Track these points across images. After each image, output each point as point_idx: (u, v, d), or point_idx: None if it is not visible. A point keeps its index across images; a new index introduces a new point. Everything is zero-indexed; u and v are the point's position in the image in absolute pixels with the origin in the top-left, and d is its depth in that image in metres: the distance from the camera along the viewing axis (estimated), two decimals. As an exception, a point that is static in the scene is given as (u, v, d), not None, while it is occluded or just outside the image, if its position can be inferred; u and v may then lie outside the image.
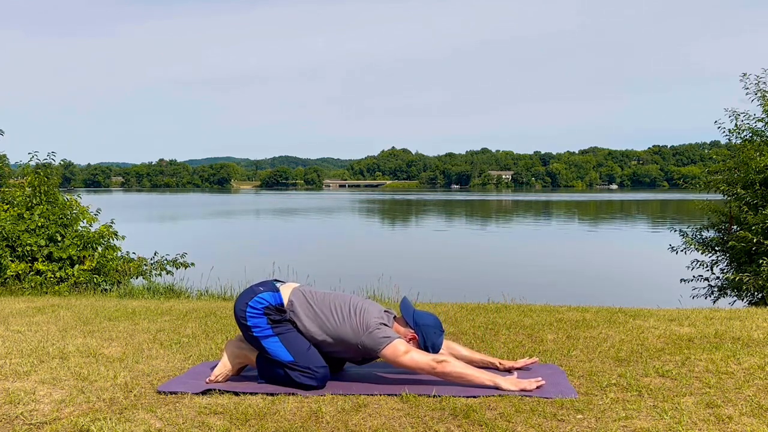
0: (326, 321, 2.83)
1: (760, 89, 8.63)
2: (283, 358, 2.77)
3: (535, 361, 3.03)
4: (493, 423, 2.28)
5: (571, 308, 4.89)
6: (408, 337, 2.86)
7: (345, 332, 2.80)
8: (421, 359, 2.71)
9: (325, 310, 2.85)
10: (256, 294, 2.88)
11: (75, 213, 9.05)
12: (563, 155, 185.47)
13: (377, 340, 2.75)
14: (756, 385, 2.68)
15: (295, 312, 2.85)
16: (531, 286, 11.45)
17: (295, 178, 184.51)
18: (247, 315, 2.84)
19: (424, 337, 2.85)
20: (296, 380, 2.74)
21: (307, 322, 2.84)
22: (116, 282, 8.58)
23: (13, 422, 2.40)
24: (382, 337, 2.75)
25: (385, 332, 2.77)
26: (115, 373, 3.03)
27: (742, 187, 8.29)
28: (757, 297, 7.84)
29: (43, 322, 4.54)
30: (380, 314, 2.86)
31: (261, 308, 2.83)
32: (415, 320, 2.88)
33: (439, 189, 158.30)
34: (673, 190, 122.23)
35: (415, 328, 2.87)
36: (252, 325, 2.83)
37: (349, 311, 2.84)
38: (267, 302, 2.85)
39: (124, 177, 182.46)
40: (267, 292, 2.88)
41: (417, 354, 2.73)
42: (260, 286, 2.94)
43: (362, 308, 2.85)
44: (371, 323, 2.79)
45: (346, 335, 2.80)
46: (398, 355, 2.72)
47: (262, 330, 2.82)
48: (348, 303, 2.88)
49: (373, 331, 2.77)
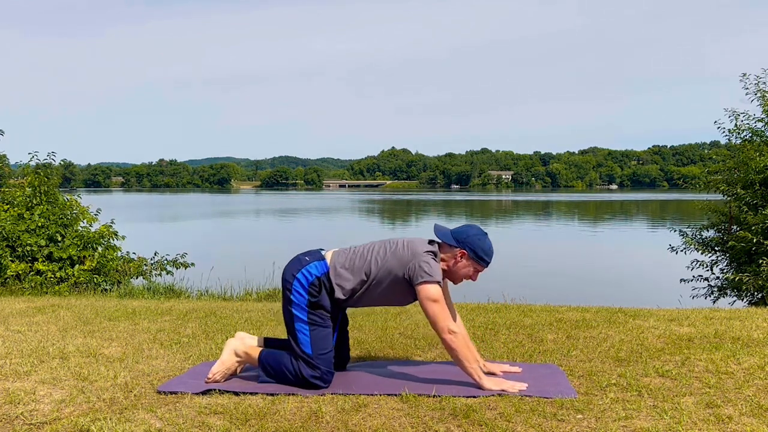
0: (372, 261, 2.82)
1: (760, 89, 8.63)
2: (304, 349, 2.78)
3: (518, 371, 2.96)
4: (493, 423, 2.28)
5: (571, 308, 4.89)
6: (458, 256, 2.83)
7: (392, 265, 2.78)
8: (441, 316, 2.70)
9: (370, 252, 2.85)
10: (303, 265, 2.86)
11: (75, 213, 9.06)
12: (563, 155, 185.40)
13: (421, 271, 2.72)
14: (756, 385, 2.68)
15: (338, 274, 2.82)
16: (531, 286, 11.44)
17: (295, 178, 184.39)
18: (293, 287, 2.83)
19: (472, 248, 2.82)
20: (302, 372, 2.74)
21: (352, 277, 2.82)
22: (116, 282, 8.58)
23: (13, 422, 2.40)
24: (426, 272, 2.72)
25: (432, 268, 2.74)
26: (115, 373, 3.03)
27: (742, 187, 8.28)
28: (757, 297, 7.83)
29: (43, 322, 4.54)
30: (428, 246, 2.83)
31: (306, 284, 2.82)
32: (456, 237, 2.85)
33: (439, 189, 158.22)
34: (673, 190, 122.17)
35: (460, 244, 2.84)
36: (295, 300, 2.83)
37: (395, 244, 2.85)
38: (313, 276, 2.82)
39: (124, 177, 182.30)
40: (313, 263, 2.87)
41: (441, 309, 2.71)
42: (306, 255, 2.92)
43: (409, 240, 2.87)
44: (419, 251, 2.78)
45: (393, 267, 2.78)
46: (429, 297, 2.70)
47: (300, 310, 2.81)
48: (391, 240, 2.90)
49: (421, 260, 2.74)
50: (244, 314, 4.89)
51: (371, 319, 4.50)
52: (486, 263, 2.86)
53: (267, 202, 70.15)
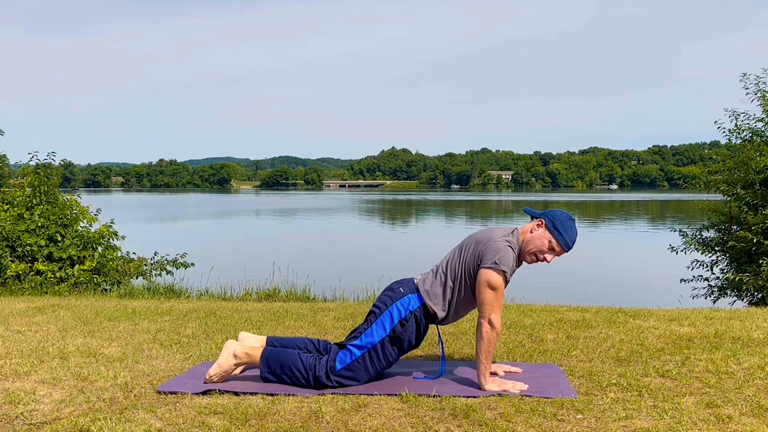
0: (455, 264, 2.82)
1: (760, 89, 8.62)
2: (338, 362, 2.77)
3: (519, 371, 2.96)
4: (493, 423, 2.28)
5: (571, 308, 4.89)
6: (535, 224, 2.79)
7: (472, 254, 2.78)
8: (492, 304, 2.70)
9: (452, 258, 2.86)
10: (400, 297, 2.84)
11: (75, 213, 9.05)
12: (563, 155, 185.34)
13: (490, 254, 2.71)
14: (756, 385, 2.68)
15: (431, 295, 2.82)
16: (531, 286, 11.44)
17: (295, 178, 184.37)
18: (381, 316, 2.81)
19: (551, 218, 2.79)
20: (316, 371, 2.73)
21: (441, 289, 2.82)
22: (116, 282, 8.58)
23: (13, 422, 2.40)
24: (495, 257, 2.70)
25: (502, 256, 2.70)
26: (115, 373, 3.03)
27: (742, 187, 8.28)
28: (757, 297, 7.83)
29: (43, 322, 4.53)
30: (506, 231, 2.82)
31: (398, 319, 2.80)
32: (543, 212, 2.84)
33: (439, 189, 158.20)
34: (673, 190, 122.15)
35: (542, 215, 2.82)
36: (376, 327, 2.80)
37: (475, 236, 2.86)
38: (407, 311, 2.80)
39: (124, 177, 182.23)
40: (409, 295, 2.85)
41: (496, 298, 2.70)
42: (401, 286, 2.90)
43: (490, 228, 2.90)
44: (495, 235, 2.78)
45: (474, 256, 2.77)
46: (489, 282, 2.69)
47: (370, 336, 2.80)
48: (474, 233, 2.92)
49: (495, 243, 2.73)
50: (244, 314, 4.88)
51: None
52: (564, 242, 2.76)
53: (267, 202, 70.14)
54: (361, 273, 11.17)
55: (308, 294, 7.66)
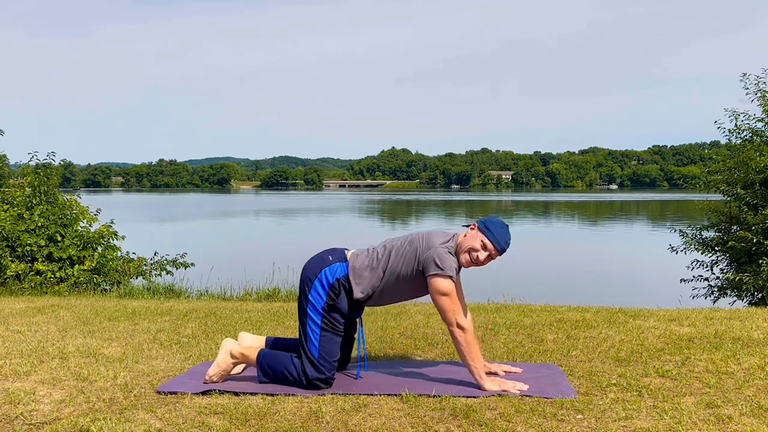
0: (389, 255, 2.84)
1: (760, 89, 8.62)
2: (311, 349, 2.78)
3: (519, 371, 2.96)
4: (493, 423, 2.28)
5: (571, 308, 4.89)
6: (470, 229, 2.84)
7: (408, 257, 2.80)
8: (450, 308, 2.72)
9: (388, 248, 2.87)
10: (326, 265, 2.87)
11: (75, 213, 9.05)
12: (563, 155, 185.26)
13: (433, 263, 2.74)
14: (756, 385, 2.68)
15: (357, 273, 2.83)
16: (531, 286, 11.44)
17: (295, 178, 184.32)
18: (312, 286, 2.84)
19: (484, 222, 2.83)
20: (306, 373, 2.74)
21: (370, 274, 2.83)
22: (116, 282, 8.58)
23: (13, 422, 2.40)
24: (438, 265, 2.73)
25: (444, 262, 2.74)
26: (115, 373, 3.03)
27: (742, 187, 8.28)
28: (757, 297, 7.83)
29: (43, 322, 4.53)
30: (444, 237, 2.84)
31: (327, 286, 2.83)
32: (478, 221, 2.87)
33: (439, 189, 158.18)
34: (673, 190, 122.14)
35: (479, 223, 2.85)
36: (312, 300, 2.83)
37: (413, 237, 2.87)
38: (333, 278, 2.83)
39: (124, 177, 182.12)
40: (336, 263, 2.87)
41: (451, 303, 2.72)
42: (330, 254, 2.92)
43: (428, 232, 2.90)
44: (434, 243, 2.80)
45: (409, 260, 2.80)
46: (439, 290, 2.72)
47: (315, 312, 2.82)
48: (413, 234, 2.93)
49: (435, 253, 2.75)
50: (244, 314, 4.89)
51: (371, 319, 4.49)
52: (493, 237, 2.79)
53: (267, 202, 70.14)
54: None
55: (308, 294, 7.64)
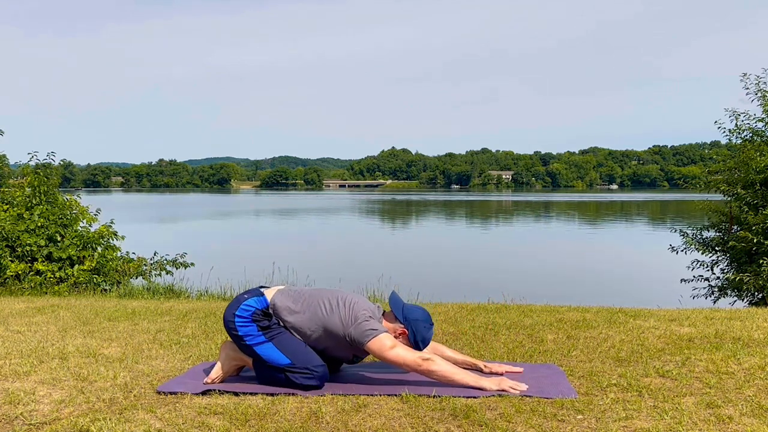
0: (313, 315, 2.81)
1: (761, 89, 8.63)
2: (281, 362, 2.76)
3: (520, 371, 2.95)
4: (493, 423, 2.28)
5: (571, 308, 4.89)
6: (398, 332, 2.84)
7: (334, 324, 2.78)
8: (407, 356, 2.70)
9: (312, 305, 2.84)
10: (241, 302, 2.86)
11: (75, 213, 9.05)
12: (563, 155, 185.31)
13: (364, 332, 2.72)
14: (756, 386, 2.68)
15: (278, 313, 2.83)
16: (531, 286, 11.45)
17: (295, 178, 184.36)
18: (236, 324, 2.82)
19: (414, 331, 2.84)
20: (296, 382, 2.73)
21: (294, 320, 2.82)
22: (116, 282, 8.58)
23: (13, 422, 2.40)
24: (368, 329, 2.72)
25: (372, 325, 2.75)
26: (115, 373, 3.03)
27: (743, 187, 8.28)
28: (757, 297, 7.83)
29: (43, 322, 4.53)
30: (369, 307, 2.84)
31: (248, 315, 2.82)
32: (405, 314, 2.86)
33: (439, 189, 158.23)
34: (674, 190, 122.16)
35: (405, 322, 2.85)
36: (243, 334, 2.81)
37: (337, 303, 2.82)
38: (253, 308, 2.83)
39: (124, 177, 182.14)
40: (252, 298, 2.87)
41: (403, 350, 2.71)
42: (245, 294, 2.93)
43: (351, 300, 2.84)
44: (359, 315, 2.77)
45: (335, 327, 2.77)
46: (384, 349, 2.70)
47: (254, 337, 2.80)
48: (336, 296, 2.87)
49: (361, 322, 2.75)
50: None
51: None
52: (418, 348, 2.84)
53: (267, 202, 70.15)
54: (361, 273, 11.17)
55: (308, 294, 7.64)
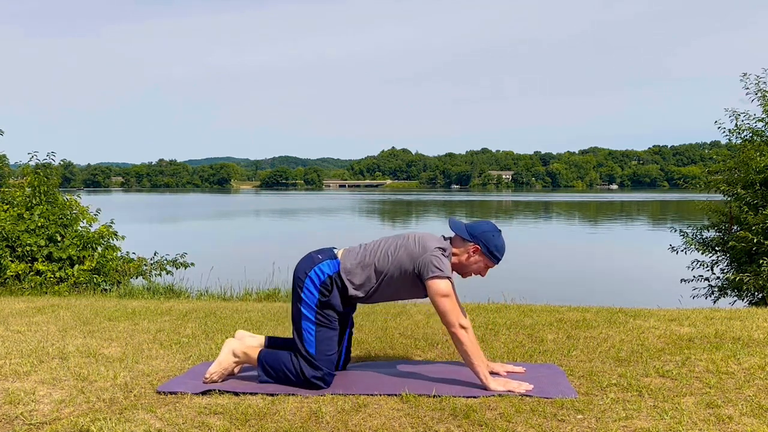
0: (382, 256, 2.82)
1: (761, 89, 8.63)
2: (308, 348, 2.78)
3: (522, 371, 2.95)
4: (493, 423, 2.28)
5: (571, 308, 4.89)
6: (470, 250, 2.84)
7: (402, 259, 2.79)
8: (452, 312, 2.70)
9: (381, 248, 2.86)
10: (316, 263, 2.86)
11: (75, 213, 9.06)
12: (563, 155, 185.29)
13: (431, 266, 2.73)
14: (756, 386, 2.68)
15: (349, 271, 2.83)
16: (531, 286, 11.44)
17: (295, 178, 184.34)
18: (304, 285, 2.83)
19: (484, 243, 2.83)
20: (304, 372, 2.73)
21: (362, 272, 2.82)
22: (116, 282, 8.58)
23: (13, 422, 2.40)
24: (435, 266, 2.72)
25: (441, 263, 2.74)
26: (115, 373, 3.03)
27: (743, 187, 8.28)
28: (757, 297, 7.83)
29: (43, 322, 4.53)
30: (439, 241, 2.84)
31: (318, 283, 2.82)
32: (470, 232, 2.86)
33: (439, 189, 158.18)
34: (674, 190, 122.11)
35: (473, 239, 2.84)
36: (305, 298, 2.82)
37: (406, 239, 2.86)
38: (325, 275, 2.82)
39: (124, 177, 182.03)
40: (326, 261, 2.86)
41: (452, 304, 2.71)
42: (319, 254, 2.92)
43: (421, 235, 2.87)
44: (429, 246, 2.78)
45: (403, 262, 2.78)
46: (439, 292, 2.71)
47: (309, 309, 2.81)
48: (403, 236, 2.91)
49: (431, 255, 2.75)
50: (244, 314, 4.88)
51: (371, 319, 4.49)
52: (497, 260, 2.88)
53: (267, 202, 70.13)
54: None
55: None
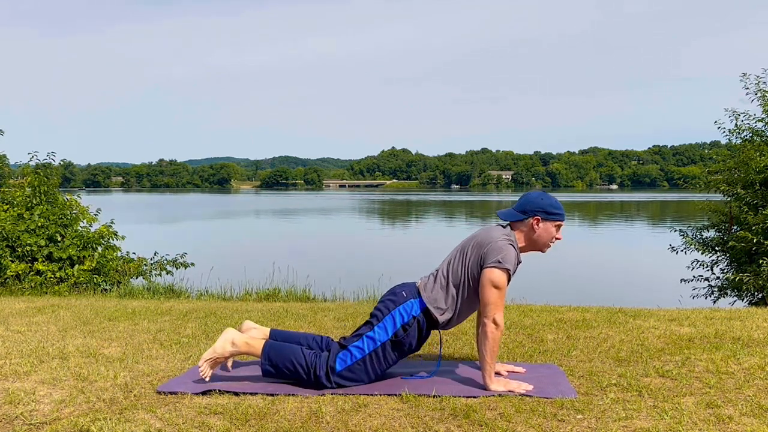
0: (457, 267, 2.81)
1: (760, 89, 8.63)
2: (338, 362, 2.75)
3: (522, 371, 2.96)
4: (493, 423, 2.28)
5: (571, 308, 4.89)
6: (532, 223, 2.82)
7: (474, 257, 2.78)
8: (497, 303, 2.69)
9: (451, 262, 2.85)
10: (400, 303, 2.82)
11: (75, 213, 9.06)
12: (563, 155, 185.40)
13: (494, 254, 2.71)
14: (756, 386, 2.68)
15: (433, 299, 2.80)
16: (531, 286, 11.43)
17: (295, 178, 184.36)
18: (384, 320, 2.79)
19: (542, 209, 2.83)
20: (316, 370, 2.72)
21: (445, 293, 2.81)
22: (116, 282, 8.58)
23: (13, 422, 2.40)
24: (499, 255, 2.71)
25: (506, 255, 2.72)
26: (115, 373, 3.03)
27: (742, 187, 8.28)
28: (757, 297, 7.83)
29: (43, 322, 4.53)
30: (503, 231, 2.82)
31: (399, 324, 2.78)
32: (522, 209, 2.85)
33: (439, 189, 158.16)
34: (674, 190, 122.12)
35: (528, 213, 2.84)
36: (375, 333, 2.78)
37: (472, 240, 2.85)
38: (410, 315, 2.79)
39: (124, 177, 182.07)
40: (410, 300, 2.83)
41: (499, 298, 2.70)
42: (404, 290, 2.88)
43: (485, 231, 2.85)
44: (495, 236, 2.78)
45: (476, 259, 2.77)
46: (493, 281, 2.69)
47: (372, 343, 2.77)
48: (470, 237, 2.90)
49: (497, 243, 2.74)
50: (244, 314, 4.88)
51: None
52: (561, 216, 2.86)
53: (267, 202, 70.13)
54: (362, 273, 11.17)
55: (308, 294, 7.65)
